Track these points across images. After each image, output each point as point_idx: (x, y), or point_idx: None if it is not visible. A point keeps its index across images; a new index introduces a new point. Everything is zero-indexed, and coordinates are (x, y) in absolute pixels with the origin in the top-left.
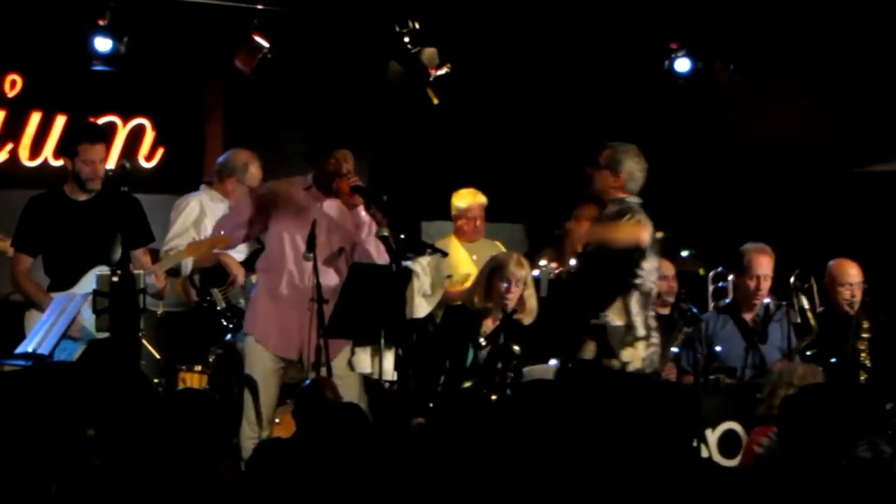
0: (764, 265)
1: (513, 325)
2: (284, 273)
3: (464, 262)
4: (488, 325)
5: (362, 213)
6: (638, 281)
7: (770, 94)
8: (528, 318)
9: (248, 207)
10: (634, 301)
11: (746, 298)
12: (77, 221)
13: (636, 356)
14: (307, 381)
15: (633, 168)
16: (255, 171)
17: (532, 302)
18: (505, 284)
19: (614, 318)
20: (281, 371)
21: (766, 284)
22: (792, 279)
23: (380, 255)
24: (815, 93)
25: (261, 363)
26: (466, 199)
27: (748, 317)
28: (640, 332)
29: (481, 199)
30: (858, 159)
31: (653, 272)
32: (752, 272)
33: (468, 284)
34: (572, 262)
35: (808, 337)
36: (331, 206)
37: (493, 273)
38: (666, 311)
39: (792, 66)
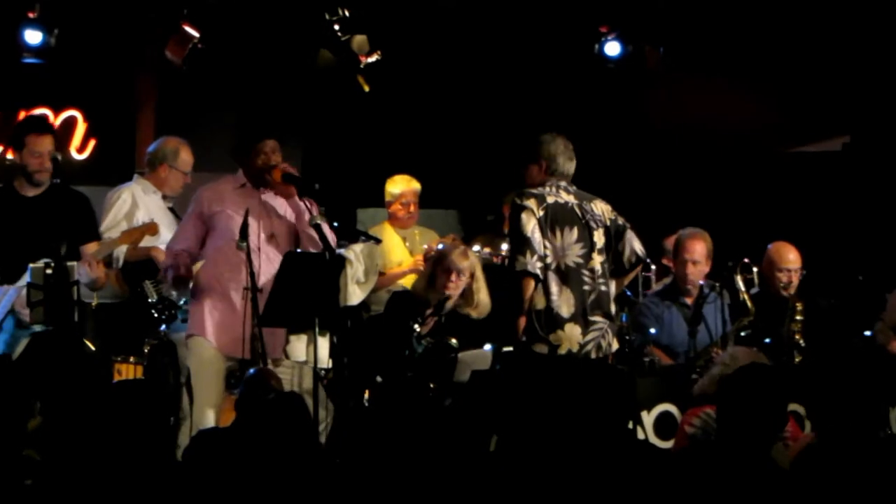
0: (698, 250)
1: (450, 315)
2: (231, 274)
3: (396, 248)
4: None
5: (299, 201)
6: (537, 263)
7: (700, 77)
8: (475, 313)
9: (194, 221)
10: (553, 282)
11: (683, 283)
12: (24, 217)
13: (567, 339)
14: (251, 371)
15: (551, 151)
16: (185, 157)
17: (481, 296)
18: (447, 274)
19: (536, 301)
20: (227, 370)
21: (698, 269)
22: (731, 263)
23: (318, 242)
24: (744, 74)
25: (211, 365)
26: (400, 184)
27: (689, 301)
28: (564, 312)
29: (415, 185)
30: (788, 140)
31: (571, 247)
32: (685, 257)
33: (403, 268)
34: (504, 246)
35: (745, 318)
36: (271, 199)
37: (436, 263)
38: None
39: (721, 48)
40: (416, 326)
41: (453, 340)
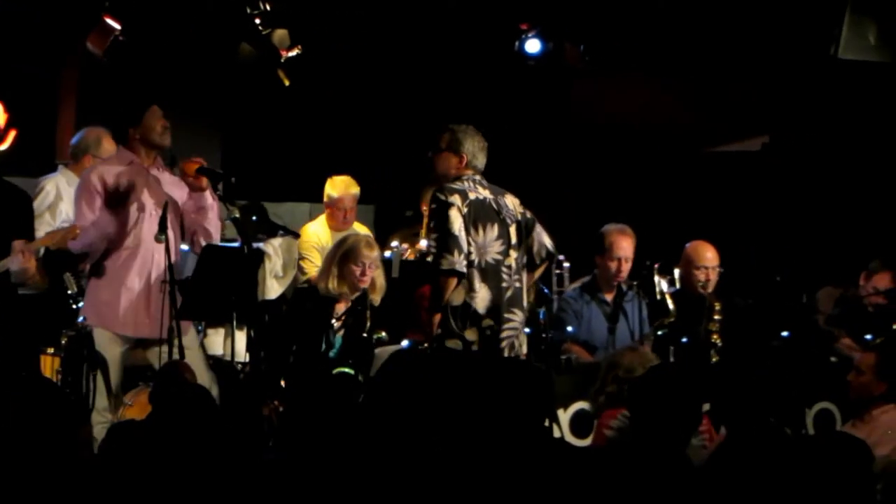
0: (625, 247)
1: (365, 306)
2: (124, 250)
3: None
4: (340, 308)
5: (208, 196)
6: (463, 261)
7: (620, 76)
8: (377, 297)
9: (90, 198)
10: (475, 279)
11: (607, 279)
12: None
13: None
14: (164, 364)
15: (474, 147)
16: (108, 146)
17: (381, 280)
18: (359, 268)
19: (454, 298)
20: (127, 353)
21: (626, 266)
22: (649, 263)
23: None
24: (664, 74)
25: (107, 348)
26: (339, 188)
27: (609, 297)
28: (481, 308)
29: (354, 189)
30: (707, 140)
31: (492, 244)
32: (613, 254)
33: None
34: (423, 243)
35: (665, 319)
36: (158, 174)
37: (345, 257)
38: None
39: (641, 47)
40: (333, 321)
41: (383, 333)
